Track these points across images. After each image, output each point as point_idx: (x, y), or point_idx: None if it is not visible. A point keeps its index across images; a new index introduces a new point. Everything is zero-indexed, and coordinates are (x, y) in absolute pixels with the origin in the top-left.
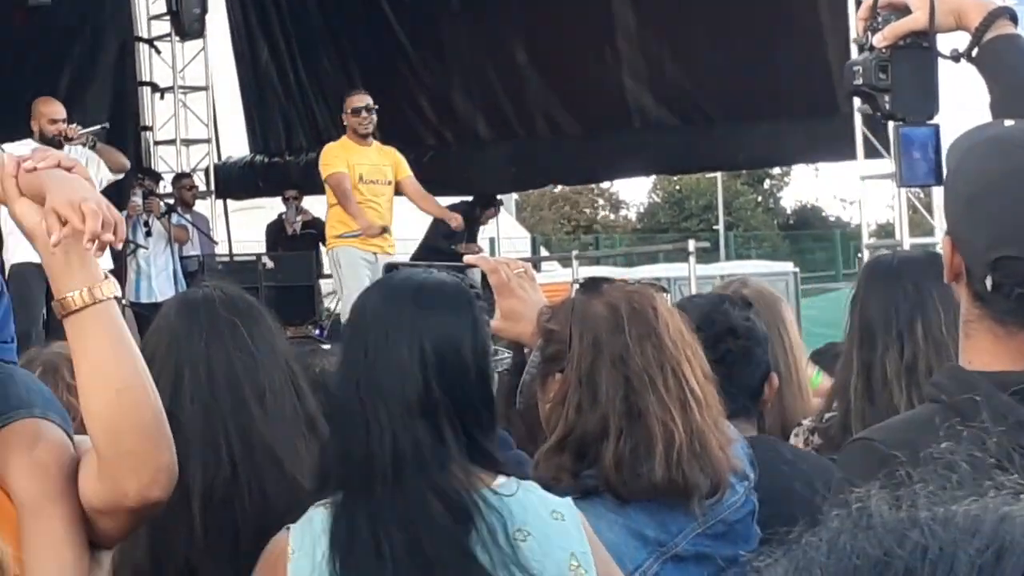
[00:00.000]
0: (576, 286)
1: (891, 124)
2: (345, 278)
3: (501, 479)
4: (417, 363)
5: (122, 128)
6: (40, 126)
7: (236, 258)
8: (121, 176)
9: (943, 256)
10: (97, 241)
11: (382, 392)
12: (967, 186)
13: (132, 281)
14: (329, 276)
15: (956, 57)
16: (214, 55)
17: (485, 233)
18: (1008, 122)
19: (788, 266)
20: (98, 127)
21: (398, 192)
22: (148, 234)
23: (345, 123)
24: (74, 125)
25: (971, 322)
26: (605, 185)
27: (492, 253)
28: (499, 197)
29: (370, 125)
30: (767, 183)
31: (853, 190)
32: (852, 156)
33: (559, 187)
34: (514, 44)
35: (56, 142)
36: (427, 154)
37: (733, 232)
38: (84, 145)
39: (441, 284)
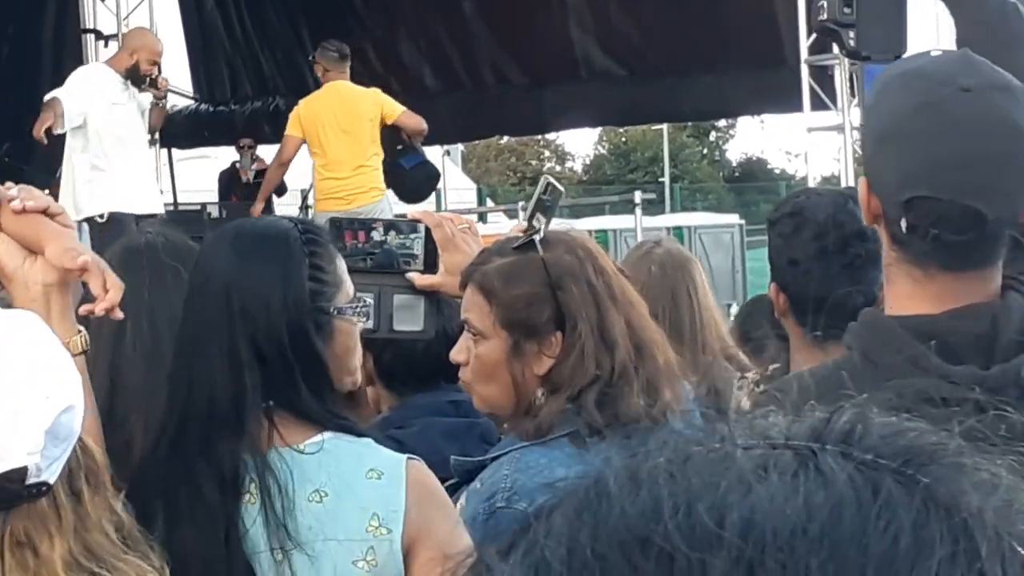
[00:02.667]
0: (531, 246)
1: (846, 64)
2: None
3: (317, 436)
4: (224, 311)
5: (66, 75)
6: (138, 59)
7: (181, 207)
8: (150, 136)
9: (859, 198)
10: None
11: (192, 342)
12: (878, 124)
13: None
14: None
15: None
16: (158, 2)
17: None
18: (935, 52)
19: (734, 218)
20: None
21: None
22: None
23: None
24: (165, 77)
25: (890, 265)
26: (551, 137)
27: (439, 205)
28: (446, 147)
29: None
30: (713, 135)
31: (799, 142)
32: (798, 108)
33: (505, 138)
34: None
35: (140, 80)
36: None
37: (679, 184)
38: (157, 99)
39: (261, 229)
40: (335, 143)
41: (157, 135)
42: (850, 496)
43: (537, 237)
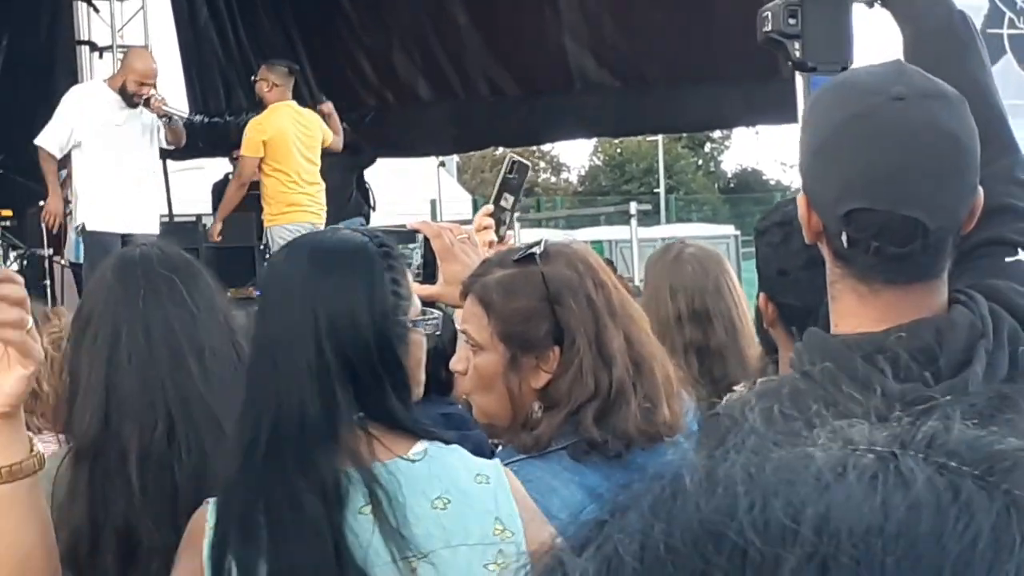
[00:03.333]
0: (531, 259)
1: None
2: None
3: (419, 445)
4: (309, 326)
5: (60, 88)
6: (125, 80)
7: (176, 219)
8: (172, 148)
9: (800, 216)
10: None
11: (276, 356)
12: (813, 137)
13: (72, 241)
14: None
15: (869, 2)
16: (153, 14)
17: (426, 195)
18: (875, 64)
19: (729, 229)
20: (175, 115)
21: None
22: None
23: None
24: (161, 97)
25: (835, 283)
26: (546, 148)
27: (434, 215)
28: (441, 158)
29: None
30: (708, 147)
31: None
32: (793, 119)
33: (500, 149)
34: (455, 5)
35: (131, 100)
36: (368, 115)
37: (674, 195)
38: (159, 117)
39: (339, 243)
40: (299, 160)
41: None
42: (929, 497)
43: (537, 250)
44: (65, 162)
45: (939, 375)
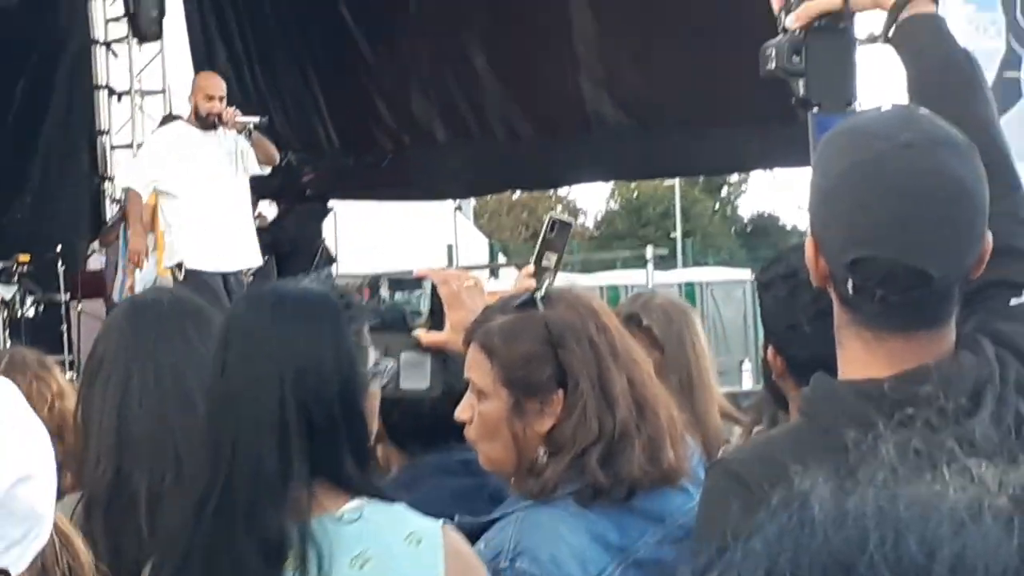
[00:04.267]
0: (532, 303)
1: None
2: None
3: (354, 503)
4: (275, 379)
5: (78, 132)
6: (196, 103)
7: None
8: (267, 171)
9: (807, 260)
10: None
11: (237, 409)
12: (821, 182)
13: (119, 282)
14: None
15: (873, 40)
16: (171, 58)
17: (443, 239)
18: (884, 107)
19: (746, 273)
20: (258, 119)
21: None
22: None
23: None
24: (232, 108)
25: (841, 328)
26: (563, 192)
27: (450, 259)
28: (458, 202)
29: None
30: (724, 190)
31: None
32: (809, 162)
33: (517, 193)
34: (472, 48)
35: (210, 122)
36: (385, 158)
37: (691, 239)
38: (240, 132)
39: (303, 295)
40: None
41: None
42: None
43: (538, 295)
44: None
45: (945, 421)
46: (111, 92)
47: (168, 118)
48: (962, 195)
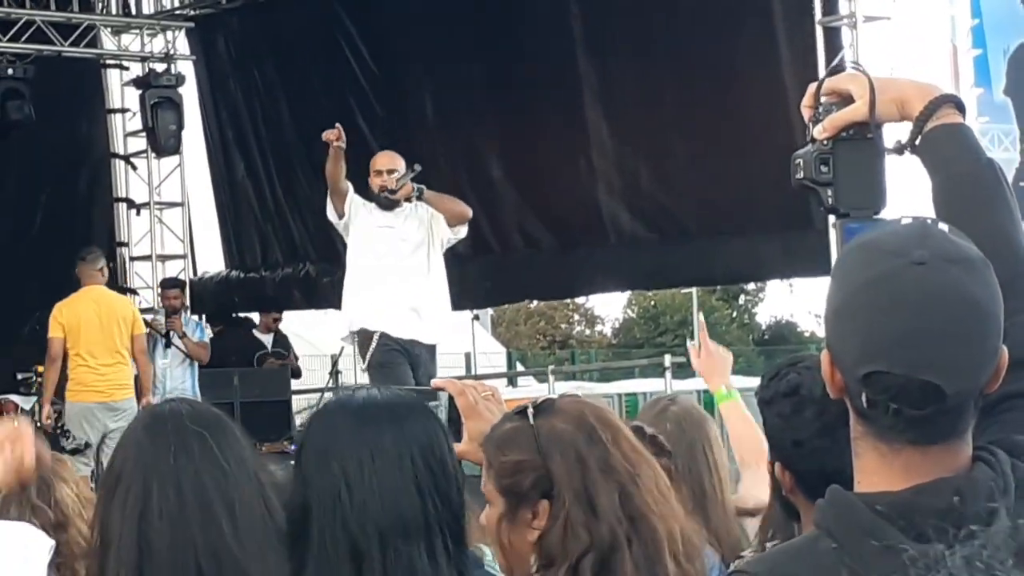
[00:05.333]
0: (526, 413)
1: (832, 219)
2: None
3: None
4: (411, 480)
5: (98, 244)
6: (370, 183)
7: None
8: (462, 235)
9: (824, 373)
10: None
11: (373, 520)
12: (835, 296)
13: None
14: (305, 391)
15: (900, 150)
16: (190, 171)
17: (461, 348)
18: (906, 220)
19: (747, 382)
20: (412, 171)
21: None
22: (167, 345)
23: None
24: (395, 175)
25: (857, 439)
26: (580, 300)
27: (468, 368)
28: (475, 312)
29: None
30: (742, 299)
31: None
32: (827, 271)
33: (534, 302)
34: (489, 158)
35: (382, 200)
36: None
37: None
38: (409, 200)
39: (400, 395)
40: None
41: (188, 302)
42: None
43: (530, 405)
44: None
45: (960, 536)
46: (130, 204)
47: None
48: (975, 313)
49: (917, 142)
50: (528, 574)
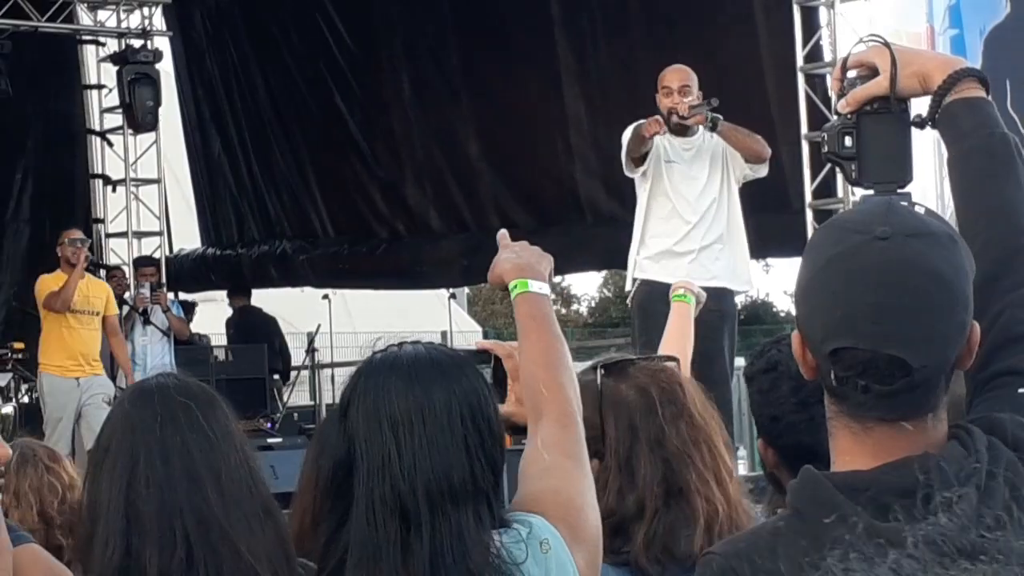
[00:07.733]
0: (601, 371)
1: (858, 192)
2: (47, 406)
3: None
4: (460, 441)
5: (73, 220)
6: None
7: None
8: (762, 173)
9: (795, 354)
10: None
11: (423, 481)
12: (803, 276)
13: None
14: (286, 371)
15: (921, 124)
16: (167, 148)
17: (437, 326)
18: (869, 201)
19: (739, 361)
20: (708, 104)
21: None
22: (147, 323)
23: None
24: (688, 99)
25: (831, 419)
26: (556, 279)
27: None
28: (451, 290)
29: (83, 256)
30: None
31: None
32: (801, 252)
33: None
34: (466, 137)
35: (672, 125)
36: (379, 246)
37: None
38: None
39: (448, 352)
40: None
41: (164, 279)
42: None
43: (602, 365)
44: None
45: (926, 513)
46: (106, 181)
47: None
48: (938, 286)
49: (936, 115)
50: None
